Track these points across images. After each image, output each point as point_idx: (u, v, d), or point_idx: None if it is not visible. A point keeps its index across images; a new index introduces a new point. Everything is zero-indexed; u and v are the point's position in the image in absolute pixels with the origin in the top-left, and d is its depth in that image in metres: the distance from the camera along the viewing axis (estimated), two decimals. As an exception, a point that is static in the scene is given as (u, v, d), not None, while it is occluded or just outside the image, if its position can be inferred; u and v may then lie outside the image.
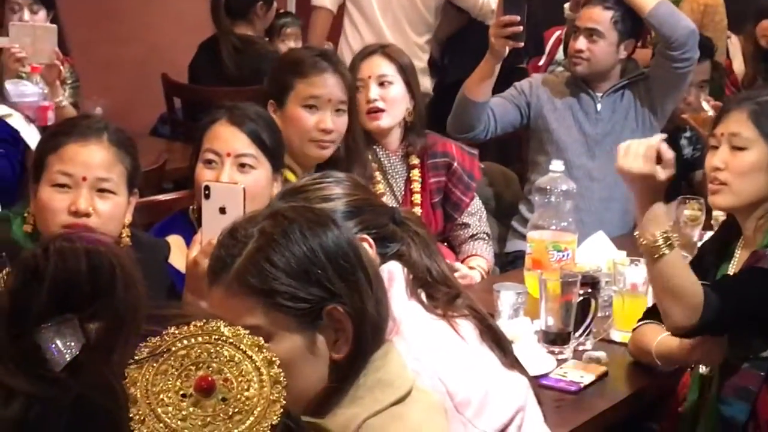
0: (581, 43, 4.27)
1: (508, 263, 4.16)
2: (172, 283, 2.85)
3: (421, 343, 2.13)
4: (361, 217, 2.26)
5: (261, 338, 1.36)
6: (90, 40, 6.17)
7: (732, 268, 2.93)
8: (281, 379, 1.33)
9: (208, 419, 1.29)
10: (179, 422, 1.27)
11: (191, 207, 3.25)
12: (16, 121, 4.27)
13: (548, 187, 3.60)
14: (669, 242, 2.77)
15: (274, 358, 1.36)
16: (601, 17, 4.25)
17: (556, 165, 3.67)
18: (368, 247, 2.16)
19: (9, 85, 4.63)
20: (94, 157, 2.76)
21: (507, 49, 4.13)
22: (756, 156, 2.92)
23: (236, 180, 3.01)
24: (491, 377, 2.25)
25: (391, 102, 3.83)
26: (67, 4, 5.81)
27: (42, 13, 5.47)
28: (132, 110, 5.57)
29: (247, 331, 1.36)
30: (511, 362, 2.34)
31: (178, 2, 6.92)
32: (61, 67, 5.08)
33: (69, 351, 1.10)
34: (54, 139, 2.83)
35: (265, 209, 2.12)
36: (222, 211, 2.74)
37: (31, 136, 4.25)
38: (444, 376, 2.08)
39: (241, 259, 1.82)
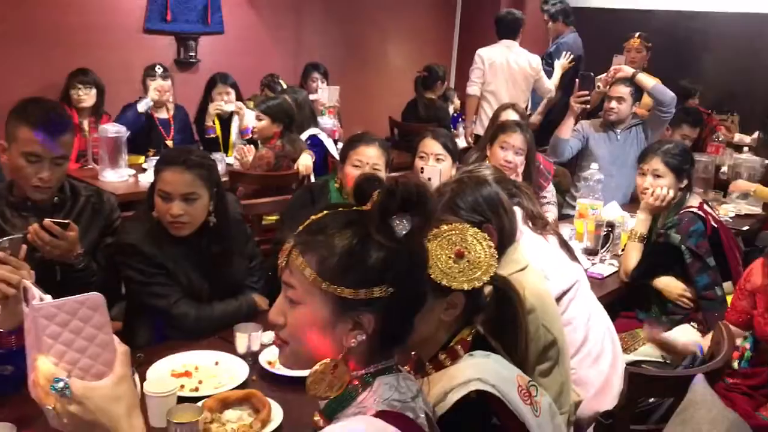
0: (613, 104, 4.11)
1: (561, 218, 3.95)
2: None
3: (529, 245, 2.14)
4: (499, 185, 2.26)
5: (485, 233, 1.38)
6: (352, 101, 6.15)
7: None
8: (494, 253, 1.35)
9: (461, 270, 1.32)
10: (447, 269, 1.31)
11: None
12: (322, 135, 4.34)
13: (589, 176, 3.61)
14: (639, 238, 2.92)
15: (490, 243, 1.36)
16: (625, 91, 4.10)
17: (594, 166, 3.67)
18: None
19: (319, 119, 4.74)
20: (373, 153, 2.82)
21: (580, 108, 4.08)
22: (667, 181, 2.94)
23: (437, 166, 3.06)
24: (562, 263, 2.28)
25: None
26: (340, 79, 6.03)
27: (325, 83, 5.59)
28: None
29: (477, 230, 1.38)
30: (573, 258, 2.37)
31: (397, 82, 6.88)
32: None
33: (405, 228, 1.10)
34: (352, 143, 2.88)
35: (453, 178, 2.17)
36: (429, 180, 2.87)
37: (330, 145, 4.35)
38: (539, 261, 2.09)
39: (442, 203, 1.85)
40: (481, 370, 1.27)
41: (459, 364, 1.31)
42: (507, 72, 5.43)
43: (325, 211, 1.14)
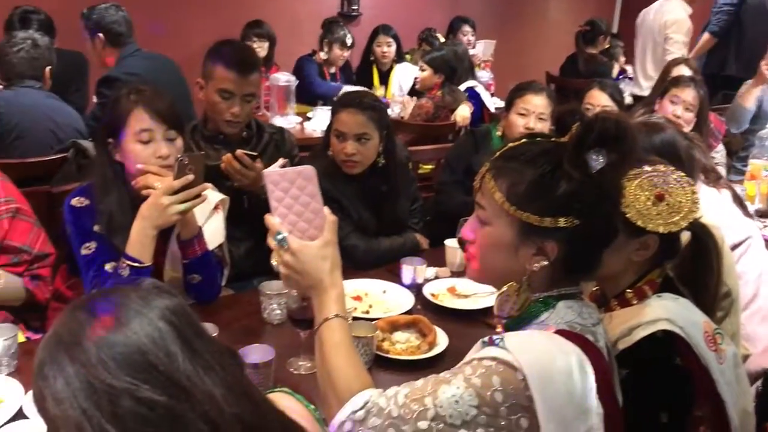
0: None
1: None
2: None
3: (702, 197, 1.94)
4: None
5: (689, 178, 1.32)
6: (508, 54, 6.15)
7: None
8: (697, 199, 1.30)
9: (659, 212, 1.27)
10: (645, 210, 1.27)
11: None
12: (479, 88, 4.31)
13: (764, 136, 3.40)
14: None
15: (694, 188, 1.31)
16: None
17: (768, 126, 3.43)
18: None
19: (478, 71, 4.78)
20: (540, 102, 2.75)
21: None
22: None
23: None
24: (734, 217, 2.21)
25: None
26: (495, 33, 6.00)
27: (474, 37, 5.60)
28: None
29: (681, 173, 1.33)
30: (747, 214, 2.29)
31: (555, 36, 6.82)
32: None
33: (599, 163, 1.07)
34: (519, 91, 2.80)
35: None
36: None
37: (486, 97, 4.32)
38: (711, 214, 1.85)
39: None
40: (670, 312, 1.28)
41: (646, 303, 1.31)
42: (647, 29, 5.15)
43: (524, 140, 1.17)
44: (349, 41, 4.70)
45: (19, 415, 1.41)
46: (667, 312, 1.28)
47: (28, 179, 2.31)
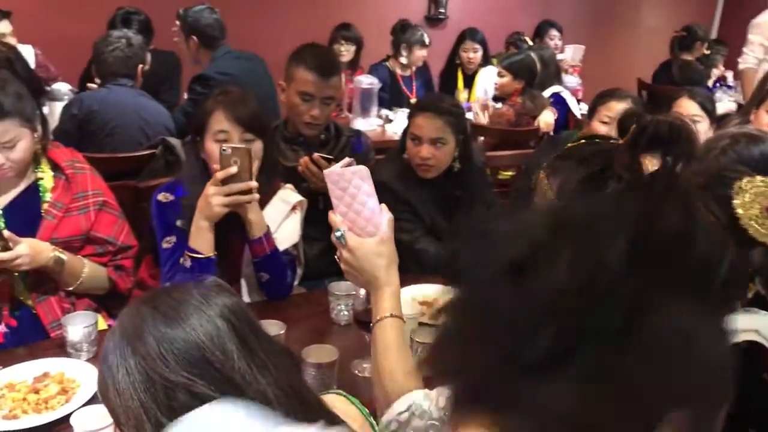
0: None
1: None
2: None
3: None
4: None
5: None
6: (597, 60, 5.96)
7: None
8: None
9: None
10: (761, 225, 1.18)
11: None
12: (565, 93, 4.27)
13: None
14: None
15: None
16: None
17: None
18: None
19: (564, 77, 4.68)
20: (619, 107, 2.65)
21: None
22: None
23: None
24: None
25: None
26: (585, 38, 5.86)
27: (561, 41, 5.48)
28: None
29: None
30: None
31: (648, 41, 6.60)
32: None
33: (653, 166, 0.98)
34: (602, 98, 2.79)
35: (716, 135, 1.87)
36: None
37: (572, 103, 4.26)
38: None
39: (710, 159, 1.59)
40: (760, 324, 1.22)
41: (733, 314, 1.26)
42: None
43: (582, 141, 1.18)
44: (426, 39, 4.71)
45: (95, 399, 1.47)
46: (756, 323, 1.22)
47: (116, 173, 2.40)
